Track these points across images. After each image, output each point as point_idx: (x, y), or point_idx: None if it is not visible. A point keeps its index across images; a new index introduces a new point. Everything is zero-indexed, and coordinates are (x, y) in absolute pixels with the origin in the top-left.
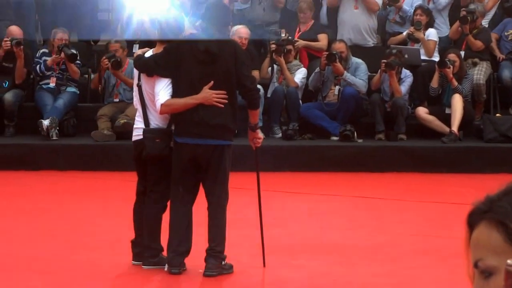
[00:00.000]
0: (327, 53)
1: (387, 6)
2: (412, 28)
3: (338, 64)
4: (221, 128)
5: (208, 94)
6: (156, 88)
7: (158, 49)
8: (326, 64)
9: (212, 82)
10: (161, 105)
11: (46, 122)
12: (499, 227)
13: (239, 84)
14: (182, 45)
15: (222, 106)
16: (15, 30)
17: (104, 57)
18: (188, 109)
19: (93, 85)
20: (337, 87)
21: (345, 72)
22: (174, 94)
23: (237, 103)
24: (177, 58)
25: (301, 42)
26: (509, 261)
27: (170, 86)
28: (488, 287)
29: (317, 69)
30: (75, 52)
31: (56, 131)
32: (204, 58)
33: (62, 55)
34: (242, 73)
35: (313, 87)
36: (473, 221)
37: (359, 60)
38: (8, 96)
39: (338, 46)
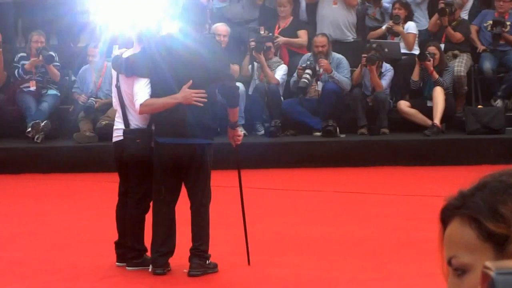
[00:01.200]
0: (300, 69)
1: (366, 2)
2: (391, 22)
3: (325, 61)
4: (202, 127)
5: (188, 94)
6: (135, 88)
7: (136, 49)
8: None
9: (191, 81)
10: (140, 105)
11: (41, 124)
12: (472, 224)
13: (218, 82)
14: (160, 44)
15: (202, 105)
16: None
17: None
18: (167, 109)
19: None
20: (319, 82)
21: (333, 70)
22: (153, 94)
23: (216, 102)
24: (155, 58)
25: (281, 39)
26: (487, 263)
27: (149, 86)
28: (462, 285)
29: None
30: (52, 54)
31: (44, 135)
32: (182, 57)
33: (41, 57)
34: (221, 71)
35: (295, 89)
36: (446, 217)
37: (340, 56)
38: None
39: (320, 40)
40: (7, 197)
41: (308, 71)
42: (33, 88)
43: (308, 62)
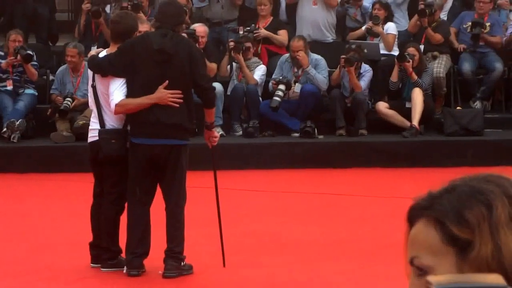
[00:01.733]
0: (274, 83)
1: (345, 3)
2: (370, 23)
3: (303, 54)
4: (177, 128)
5: (163, 94)
6: (111, 88)
7: (112, 49)
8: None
9: (167, 82)
10: (116, 105)
11: (17, 123)
12: (437, 226)
13: (194, 83)
14: (136, 44)
15: (177, 105)
16: None
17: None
18: (143, 109)
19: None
20: (297, 84)
21: (309, 65)
22: (129, 94)
23: (192, 102)
24: (131, 57)
25: (263, 31)
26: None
27: (125, 86)
28: (421, 286)
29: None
30: (30, 53)
31: (19, 134)
32: (158, 57)
33: (19, 57)
34: (197, 72)
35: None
36: (412, 216)
37: (318, 56)
38: None
39: (296, 45)
40: None
41: (281, 86)
42: (10, 88)
43: (281, 77)
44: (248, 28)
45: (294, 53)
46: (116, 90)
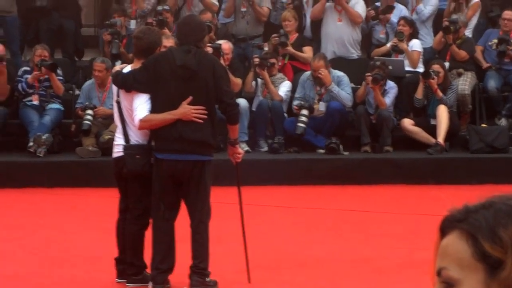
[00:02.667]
0: (296, 108)
1: (371, 20)
2: (395, 39)
3: (324, 73)
4: (201, 144)
5: (187, 110)
6: (135, 103)
7: (136, 64)
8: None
9: (190, 97)
10: (139, 120)
11: (43, 137)
12: (469, 240)
13: (218, 99)
14: (160, 60)
15: (201, 121)
16: None
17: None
18: (167, 125)
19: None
20: (321, 102)
21: (332, 83)
22: (153, 110)
23: (216, 118)
24: (155, 73)
25: (289, 48)
26: None
27: (149, 101)
28: None
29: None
30: (55, 62)
31: (46, 149)
32: (182, 73)
33: (43, 70)
34: (221, 88)
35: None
36: (445, 227)
37: (341, 73)
38: None
39: (317, 65)
40: (8, 211)
41: (304, 111)
42: (36, 102)
43: (302, 102)
44: (277, 36)
45: (315, 72)
46: (140, 106)
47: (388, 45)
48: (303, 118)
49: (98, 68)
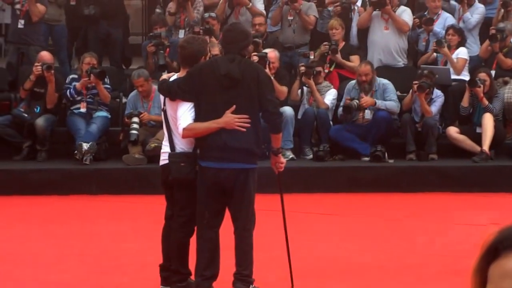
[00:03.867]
0: (342, 107)
1: (417, 28)
2: (435, 45)
3: (366, 99)
4: (245, 152)
5: (230, 119)
6: (179, 112)
7: (182, 73)
8: (346, 117)
9: (234, 106)
10: (183, 129)
11: (85, 146)
12: None
13: (261, 108)
14: (204, 69)
15: (244, 130)
16: (45, 55)
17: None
18: (211, 133)
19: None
20: (367, 110)
21: (376, 101)
22: (197, 118)
23: (260, 127)
24: (199, 82)
25: (338, 57)
26: None
27: (193, 110)
28: None
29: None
30: (104, 70)
31: (91, 156)
32: (225, 82)
33: (92, 78)
34: (264, 96)
35: (343, 119)
36: (505, 247)
37: (385, 81)
38: (40, 121)
39: (364, 70)
40: (55, 218)
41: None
42: (83, 110)
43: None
44: (328, 45)
45: (361, 77)
46: (184, 114)
47: (433, 53)
48: (354, 103)
49: (139, 84)
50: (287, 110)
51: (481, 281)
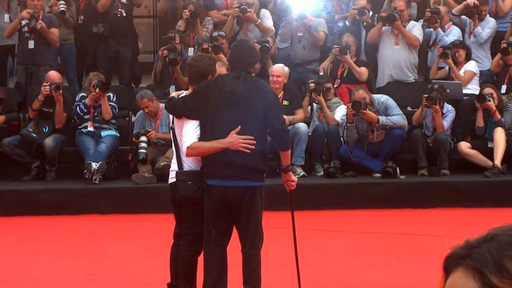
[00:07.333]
0: (351, 103)
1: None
2: (439, 55)
3: (368, 112)
4: (251, 170)
5: (235, 139)
6: (184, 130)
7: (190, 90)
8: (354, 114)
9: (239, 127)
10: (187, 147)
11: (94, 166)
12: (475, 276)
13: (268, 125)
14: (209, 87)
15: (249, 151)
16: (54, 74)
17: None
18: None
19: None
20: (376, 132)
21: (379, 118)
22: (202, 136)
23: (266, 144)
24: (204, 100)
25: (347, 58)
26: None
27: (198, 128)
28: None
29: (347, 124)
30: (107, 82)
31: (100, 176)
32: (230, 100)
33: (97, 90)
34: (270, 114)
35: (351, 141)
36: (449, 265)
37: (384, 97)
38: (49, 141)
39: (359, 95)
40: (65, 238)
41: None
42: (91, 129)
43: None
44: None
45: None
46: (189, 133)
47: (446, 68)
48: None
49: (143, 106)
50: (302, 126)
51: None
